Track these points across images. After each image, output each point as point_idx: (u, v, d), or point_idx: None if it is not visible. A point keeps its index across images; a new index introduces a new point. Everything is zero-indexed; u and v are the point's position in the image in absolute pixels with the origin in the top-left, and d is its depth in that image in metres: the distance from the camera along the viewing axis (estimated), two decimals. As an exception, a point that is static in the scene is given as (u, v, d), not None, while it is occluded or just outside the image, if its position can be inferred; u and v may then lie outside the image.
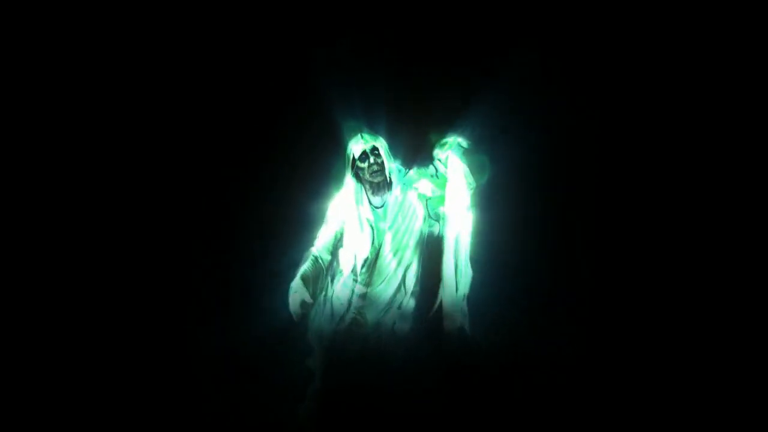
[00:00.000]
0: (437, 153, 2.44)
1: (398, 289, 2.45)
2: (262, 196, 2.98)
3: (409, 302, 2.45)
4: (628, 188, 3.00)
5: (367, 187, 2.48)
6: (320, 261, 2.47)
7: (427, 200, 2.48)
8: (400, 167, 2.50)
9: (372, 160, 2.41)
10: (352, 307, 2.45)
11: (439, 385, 2.40)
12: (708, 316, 2.81)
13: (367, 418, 2.34)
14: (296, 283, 2.39)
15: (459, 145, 2.39)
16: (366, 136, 2.42)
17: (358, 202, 2.47)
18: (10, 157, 2.86)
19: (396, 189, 2.47)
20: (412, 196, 2.48)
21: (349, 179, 2.45)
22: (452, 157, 2.39)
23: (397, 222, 2.46)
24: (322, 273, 2.48)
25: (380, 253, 2.45)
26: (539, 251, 2.95)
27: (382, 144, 2.43)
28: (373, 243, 2.45)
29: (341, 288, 2.47)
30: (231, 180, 3.02)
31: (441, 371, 2.40)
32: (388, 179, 2.45)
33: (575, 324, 2.88)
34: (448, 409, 2.39)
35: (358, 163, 2.42)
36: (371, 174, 2.42)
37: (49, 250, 2.87)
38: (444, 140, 2.42)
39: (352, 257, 2.47)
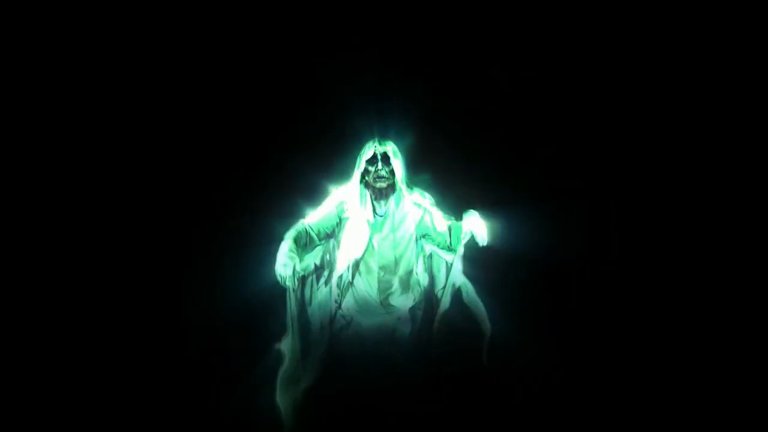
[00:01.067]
0: (465, 227, 2.34)
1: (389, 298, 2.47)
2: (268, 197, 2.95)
3: (408, 312, 2.48)
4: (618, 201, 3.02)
5: (371, 191, 2.47)
6: (309, 234, 2.42)
7: (421, 235, 2.51)
8: (414, 185, 2.50)
9: (380, 165, 2.41)
10: (341, 309, 2.47)
11: (436, 389, 2.41)
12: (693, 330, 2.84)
13: (364, 421, 2.34)
14: (288, 246, 2.31)
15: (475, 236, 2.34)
16: (380, 141, 2.43)
17: (362, 204, 2.46)
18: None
19: (402, 203, 2.48)
20: (411, 219, 2.50)
21: (356, 179, 2.45)
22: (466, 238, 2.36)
23: (388, 239, 2.47)
24: (309, 246, 2.42)
25: (371, 261, 2.47)
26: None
27: (395, 152, 2.43)
28: (366, 249, 2.46)
29: (333, 287, 2.48)
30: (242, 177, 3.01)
31: (439, 376, 2.41)
32: (394, 188, 2.46)
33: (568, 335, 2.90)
34: (446, 413, 2.40)
35: (367, 166, 2.43)
36: (375, 179, 2.42)
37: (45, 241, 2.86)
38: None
39: (345, 258, 2.48)
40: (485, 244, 2.27)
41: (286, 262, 2.24)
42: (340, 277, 2.49)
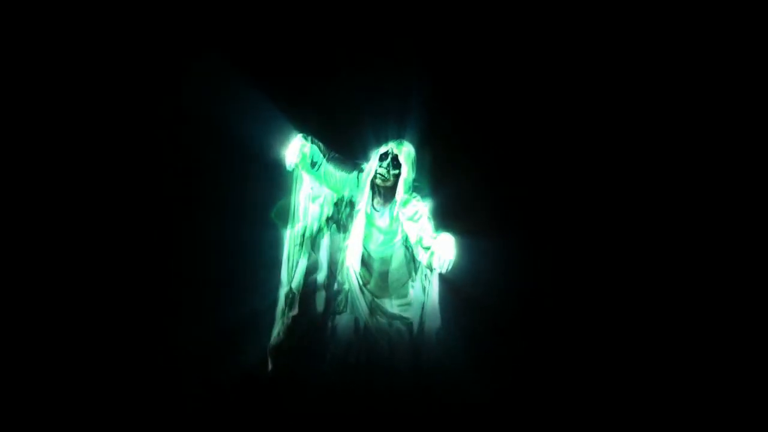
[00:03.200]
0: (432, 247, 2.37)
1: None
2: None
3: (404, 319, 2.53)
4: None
5: (374, 185, 2.52)
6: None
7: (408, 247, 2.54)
8: (415, 193, 2.52)
9: (386, 164, 2.45)
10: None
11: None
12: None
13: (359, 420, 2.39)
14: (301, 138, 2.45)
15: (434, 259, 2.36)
16: (400, 143, 2.47)
17: (361, 193, 2.52)
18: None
19: (396, 208, 2.50)
20: (400, 227, 2.53)
21: (366, 170, 2.51)
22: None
23: (374, 236, 2.54)
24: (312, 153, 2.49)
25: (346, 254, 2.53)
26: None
27: (408, 157, 2.46)
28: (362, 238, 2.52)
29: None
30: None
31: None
32: (393, 191, 2.49)
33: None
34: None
35: (378, 161, 2.47)
36: (376, 174, 2.47)
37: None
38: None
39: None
40: (443, 272, 2.30)
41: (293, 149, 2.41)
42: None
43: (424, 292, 2.55)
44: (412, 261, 2.54)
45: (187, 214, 2.94)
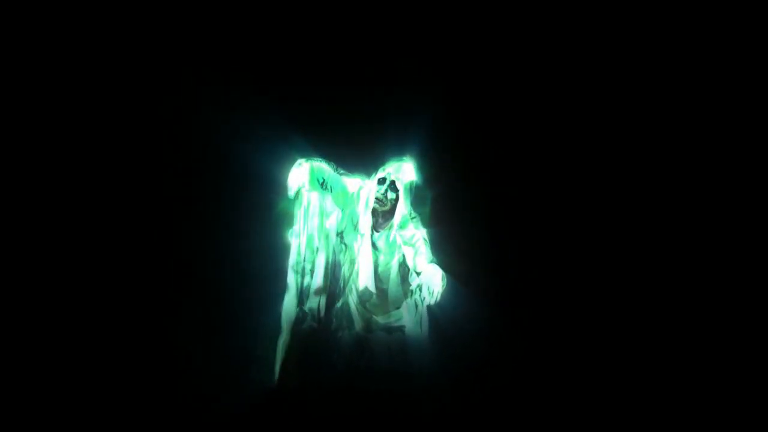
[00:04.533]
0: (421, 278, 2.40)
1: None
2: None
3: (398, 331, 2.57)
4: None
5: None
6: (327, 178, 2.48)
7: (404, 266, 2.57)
8: (414, 214, 2.53)
9: (384, 189, 2.48)
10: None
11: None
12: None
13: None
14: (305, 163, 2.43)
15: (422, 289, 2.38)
16: (397, 165, 2.49)
17: (363, 214, 2.53)
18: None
19: (393, 231, 2.53)
20: (398, 251, 2.56)
21: (365, 191, 2.52)
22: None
23: (376, 256, 2.56)
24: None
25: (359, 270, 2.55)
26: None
27: (404, 185, 2.48)
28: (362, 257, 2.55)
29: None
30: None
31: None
32: (392, 213, 2.52)
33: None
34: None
35: (376, 185, 2.50)
36: (375, 198, 2.50)
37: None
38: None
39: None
40: (432, 302, 2.31)
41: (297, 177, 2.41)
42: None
43: (418, 305, 2.57)
44: (408, 280, 2.57)
45: (187, 214, 2.94)
